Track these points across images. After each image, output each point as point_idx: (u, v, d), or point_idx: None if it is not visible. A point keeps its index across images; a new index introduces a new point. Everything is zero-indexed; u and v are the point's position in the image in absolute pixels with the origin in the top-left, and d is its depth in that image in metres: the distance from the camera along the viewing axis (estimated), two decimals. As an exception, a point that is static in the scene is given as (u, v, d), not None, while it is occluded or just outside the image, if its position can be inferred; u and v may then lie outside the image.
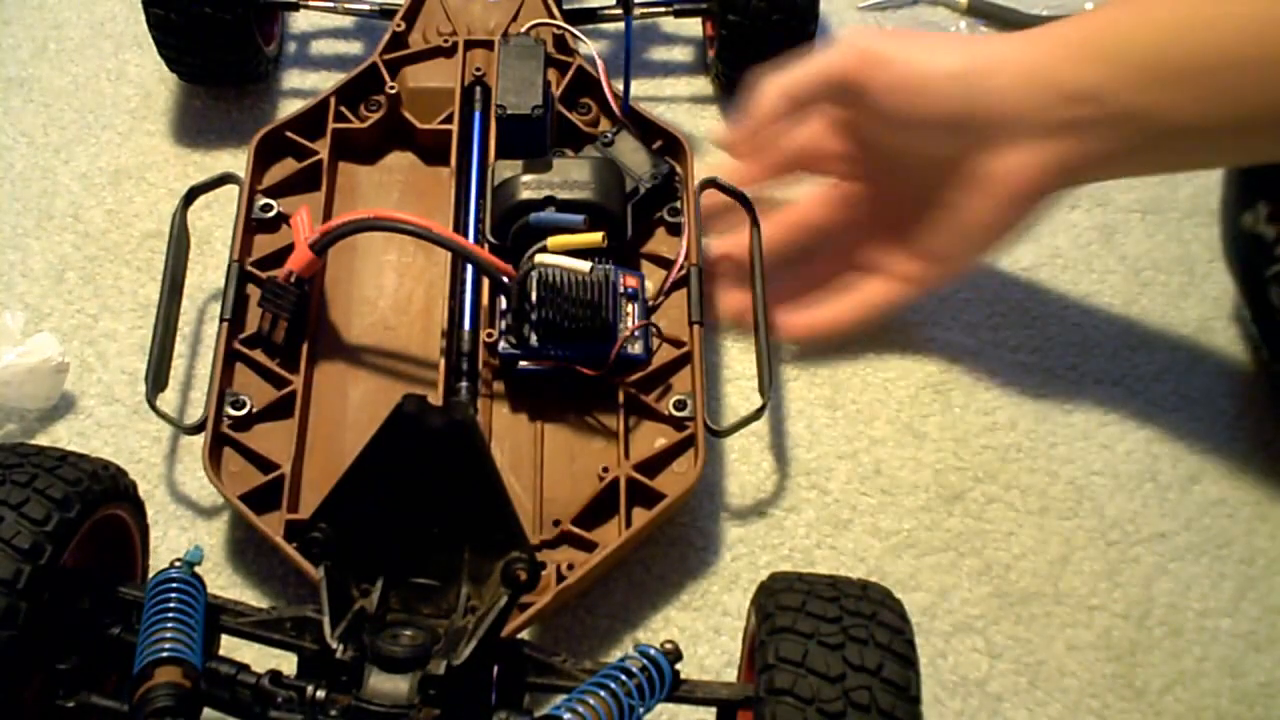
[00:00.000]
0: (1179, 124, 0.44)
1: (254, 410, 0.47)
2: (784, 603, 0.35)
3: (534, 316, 0.45)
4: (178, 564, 0.37)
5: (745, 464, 0.51)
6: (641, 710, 0.34)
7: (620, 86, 0.53)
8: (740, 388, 0.53)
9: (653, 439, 0.47)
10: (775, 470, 0.51)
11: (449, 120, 0.53)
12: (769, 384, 0.46)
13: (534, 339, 0.46)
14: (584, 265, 0.45)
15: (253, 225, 0.51)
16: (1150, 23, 0.44)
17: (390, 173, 0.54)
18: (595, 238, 0.46)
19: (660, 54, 0.65)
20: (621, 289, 0.47)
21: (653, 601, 0.47)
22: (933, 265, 0.51)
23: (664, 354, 0.48)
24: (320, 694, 0.34)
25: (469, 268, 0.50)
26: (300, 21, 0.66)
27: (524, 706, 0.37)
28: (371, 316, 0.50)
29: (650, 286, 0.49)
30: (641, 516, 0.44)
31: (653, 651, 0.35)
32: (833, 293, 0.52)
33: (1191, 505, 0.50)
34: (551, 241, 0.46)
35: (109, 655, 0.37)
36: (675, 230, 0.51)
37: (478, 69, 0.54)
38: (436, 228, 0.45)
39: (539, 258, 0.45)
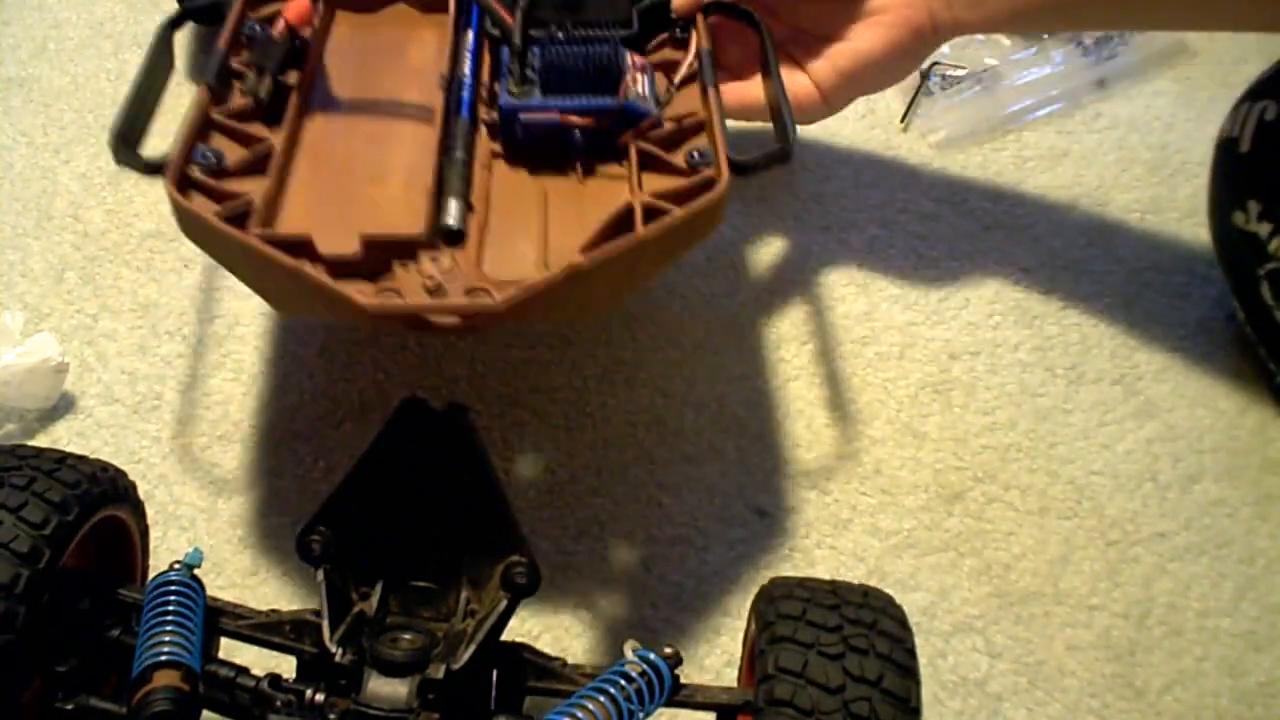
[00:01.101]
0: None
1: (227, 165, 0.41)
2: (784, 610, 0.35)
3: (537, 63, 0.44)
4: (177, 566, 0.37)
5: (745, 464, 0.51)
6: (641, 715, 0.34)
7: None
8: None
9: (669, 186, 0.42)
10: (775, 470, 0.51)
11: None
12: (790, 128, 0.42)
13: (537, 88, 0.44)
14: None
15: (242, 39, 0.46)
16: None
17: (387, 20, 0.51)
18: None
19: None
20: (629, 63, 0.45)
21: (653, 601, 0.47)
22: (823, 100, 0.52)
23: (677, 125, 0.44)
24: (319, 697, 0.34)
25: (471, 54, 0.47)
26: None
27: (522, 711, 0.37)
28: (363, 98, 0.47)
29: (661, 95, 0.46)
30: (660, 224, 0.38)
31: (653, 656, 0.34)
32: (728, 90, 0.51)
33: (1191, 505, 0.50)
34: None
35: (108, 657, 0.37)
36: (682, 45, 0.49)
37: None
38: None
39: None
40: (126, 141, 0.40)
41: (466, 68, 0.47)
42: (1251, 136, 0.50)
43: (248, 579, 0.47)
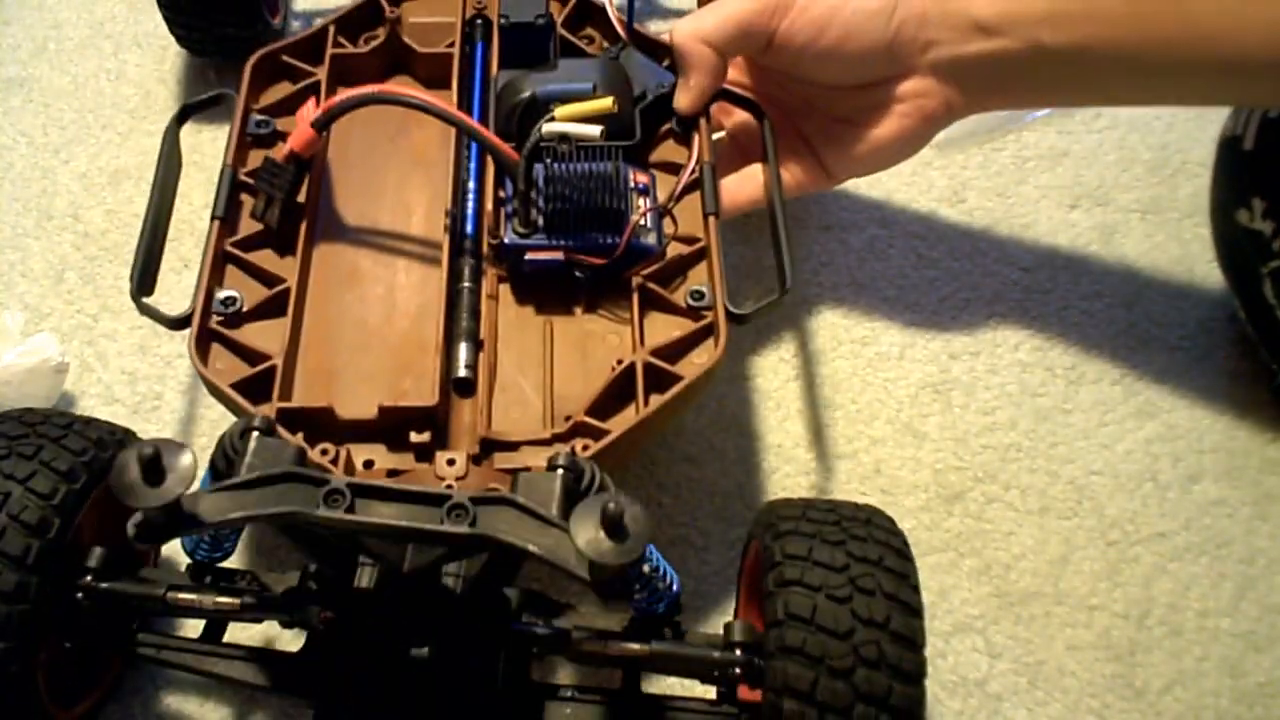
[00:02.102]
0: (1085, 59, 0.46)
1: (244, 308, 0.44)
2: (785, 527, 0.37)
3: (540, 201, 0.44)
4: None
5: (745, 464, 0.51)
6: (659, 600, 0.37)
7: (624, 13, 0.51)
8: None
9: (669, 331, 0.44)
10: (775, 470, 0.51)
11: (450, 47, 0.51)
12: (789, 272, 0.44)
13: (541, 224, 0.44)
14: (594, 130, 0.43)
15: (247, 139, 0.48)
16: None
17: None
18: (605, 103, 0.44)
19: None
20: (632, 184, 0.45)
21: (653, 602, 0.47)
22: (827, 175, 0.51)
23: (679, 250, 0.46)
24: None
25: (473, 163, 0.48)
26: (303, 1, 0.67)
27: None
28: (371, 211, 0.47)
29: (662, 195, 0.47)
30: (660, 399, 0.41)
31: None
32: (735, 178, 0.51)
33: (1191, 505, 0.50)
34: (560, 111, 0.44)
35: (127, 612, 0.39)
36: (685, 140, 0.49)
37: (479, 3, 0.53)
38: (442, 104, 0.44)
39: (546, 126, 0.43)
40: (143, 290, 0.42)
41: (470, 187, 0.47)
42: (1255, 134, 0.50)
43: (248, 579, 0.47)
